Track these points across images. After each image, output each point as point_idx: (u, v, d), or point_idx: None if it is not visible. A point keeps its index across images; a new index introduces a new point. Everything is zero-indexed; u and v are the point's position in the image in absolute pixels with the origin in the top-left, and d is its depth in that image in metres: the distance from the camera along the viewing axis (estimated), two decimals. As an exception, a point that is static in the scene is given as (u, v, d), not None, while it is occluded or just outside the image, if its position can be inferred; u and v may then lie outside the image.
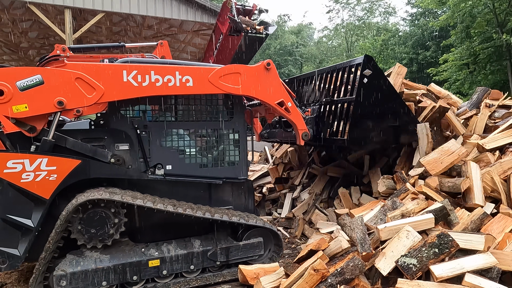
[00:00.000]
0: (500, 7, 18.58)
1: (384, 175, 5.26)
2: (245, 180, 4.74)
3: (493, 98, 6.07)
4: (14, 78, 3.49)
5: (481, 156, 4.63)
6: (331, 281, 3.33)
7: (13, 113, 3.50)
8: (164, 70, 3.97)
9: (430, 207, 3.96)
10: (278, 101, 4.49)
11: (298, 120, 4.72)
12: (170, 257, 4.02)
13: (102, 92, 3.74)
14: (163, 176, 4.22)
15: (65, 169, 3.64)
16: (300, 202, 6.50)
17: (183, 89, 4.06)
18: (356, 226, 3.81)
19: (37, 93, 3.55)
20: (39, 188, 3.56)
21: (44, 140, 3.64)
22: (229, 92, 4.24)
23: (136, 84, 3.86)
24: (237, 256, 4.33)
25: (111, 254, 3.87)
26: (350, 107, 4.71)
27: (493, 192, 4.14)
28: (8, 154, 3.48)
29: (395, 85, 5.38)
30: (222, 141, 4.62)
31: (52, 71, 3.66)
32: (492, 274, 3.13)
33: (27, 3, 10.87)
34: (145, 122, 4.21)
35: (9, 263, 3.56)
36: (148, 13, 12.28)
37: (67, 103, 3.64)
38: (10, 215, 3.57)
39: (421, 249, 3.25)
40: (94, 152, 3.88)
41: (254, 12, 6.16)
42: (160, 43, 6.65)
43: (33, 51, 17.18)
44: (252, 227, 4.44)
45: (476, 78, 20.65)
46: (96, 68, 3.78)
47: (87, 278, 3.67)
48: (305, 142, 4.76)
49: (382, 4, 39.27)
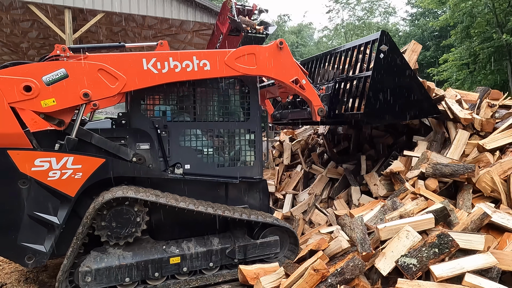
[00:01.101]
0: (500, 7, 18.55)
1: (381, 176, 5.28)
2: (260, 180, 4.82)
3: (493, 98, 6.06)
4: (40, 74, 3.55)
5: (481, 156, 4.63)
6: (331, 281, 3.33)
7: (42, 108, 3.57)
8: (182, 56, 4.05)
9: (430, 207, 3.96)
10: (293, 79, 4.55)
11: (313, 97, 4.79)
12: (190, 254, 4.12)
13: (124, 81, 3.81)
14: (182, 175, 4.30)
15: (90, 167, 3.73)
16: (300, 202, 6.51)
17: (201, 74, 4.13)
18: (356, 226, 3.80)
19: (63, 86, 3.62)
20: (65, 186, 3.65)
21: (68, 138, 3.72)
22: (246, 73, 4.32)
23: (156, 71, 3.95)
24: (254, 254, 4.42)
25: (134, 251, 3.96)
26: (366, 82, 4.76)
27: (493, 192, 4.13)
28: (35, 153, 3.55)
29: (410, 62, 5.41)
30: (239, 141, 4.73)
31: (75, 64, 3.72)
32: (492, 274, 3.13)
33: (27, 3, 10.87)
34: (165, 122, 4.30)
35: (35, 259, 3.63)
36: (148, 13, 12.28)
37: (92, 94, 3.73)
38: (37, 212, 3.63)
39: (421, 249, 3.25)
40: (118, 149, 3.98)
41: (254, 12, 6.15)
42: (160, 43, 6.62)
43: (33, 51, 17.17)
44: (269, 226, 4.52)
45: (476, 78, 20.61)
46: (117, 58, 3.85)
47: (111, 274, 3.77)
48: (320, 118, 4.82)
49: (382, 4, 39.09)
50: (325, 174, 6.69)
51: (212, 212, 4.10)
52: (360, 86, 4.84)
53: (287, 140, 8.50)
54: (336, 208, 5.80)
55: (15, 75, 3.50)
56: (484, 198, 4.20)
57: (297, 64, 4.67)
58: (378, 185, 5.32)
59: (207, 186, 4.53)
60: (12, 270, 4.96)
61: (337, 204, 5.84)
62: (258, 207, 4.83)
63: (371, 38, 4.93)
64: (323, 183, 6.59)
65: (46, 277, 4.73)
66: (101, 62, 3.76)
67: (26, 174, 3.52)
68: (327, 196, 6.38)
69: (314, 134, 8.48)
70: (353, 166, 6.51)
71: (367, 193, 5.73)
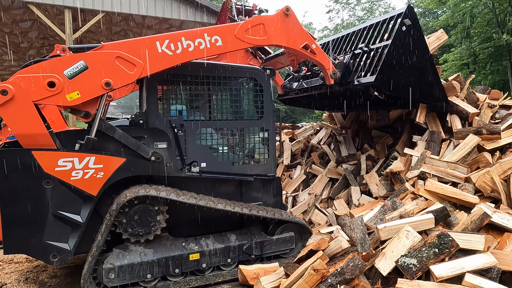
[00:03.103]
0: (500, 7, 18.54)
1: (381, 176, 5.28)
2: (273, 177, 4.89)
3: (492, 98, 6.06)
4: (61, 68, 3.61)
5: (480, 157, 4.63)
6: (331, 281, 3.33)
7: (67, 102, 3.64)
8: (193, 34, 4.11)
9: (430, 207, 3.96)
10: (303, 44, 4.60)
11: (325, 60, 4.84)
12: (209, 251, 4.22)
13: (142, 66, 3.86)
14: (198, 173, 4.38)
15: (111, 167, 3.81)
16: (300, 202, 6.50)
17: (214, 50, 4.21)
18: (356, 226, 3.80)
19: (84, 78, 3.68)
20: (87, 185, 3.73)
21: (87, 138, 3.79)
22: (257, 44, 4.41)
23: (171, 52, 4.00)
24: (271, 250, 4.51)
25: (154, 248, 4.06)
26: (384, 50, 4.80)
27: (493, 192, 4.13)
28: (58, 153, 3.63)
29: (431, 46, 5.47)
30: (253, 139, 4.81)
31: (93, 55, 3.77)
32: (492, 274, 3.13)
33: (27, 3, 10.87)
34: (181, 121, 4.37)
35: (60, 257, 3.71)
36: (148, 13, 12.28)
37: (113, 82, 3.78)
38: (61, 211, 3.71)
39: (421, 249, 3.25)
40: (138, 147, 4.07)
41: (254, 12, 6.15)
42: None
43: (33, 51, 17.17)
44: (284, 222, 4.62)
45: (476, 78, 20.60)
46: (132, 44, 3.90)
47: (133, 271, 3.88)
48: (334, 81, 4.88)
49: (382, 4, 39.07)
50: (325, 174, 6.69)
51: (247, 212, 4.26)
52: (378, 54, 4.88)
53: (287, 140, 8.49)
54: (336, 208, 5.80)
55: (36, 73, 3.55)
56: (484, 198, 4.20)
57: (305, 29, 4.71)
58: (378, 185, 5.33)
59: (222, 184, 4.61)
60: (12, 270, 4.96)
61: (337, 204, 5.84)
62: (272, 204, 4.91)
63: (396, 12, 5.00)
64: (323, 183, 6.59)
65: (46, 277, 4.73)
66: (118, 50, 3.81)
67: (50, 174, 3.60)
68: (327, 196, 6.37)
69: (314, 134, 8.49)
70: (353, 166, 6.51)
71: (367, 193, 5.73)
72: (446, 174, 4.57)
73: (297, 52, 4.68)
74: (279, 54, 5.56)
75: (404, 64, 4.81)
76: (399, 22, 4.82)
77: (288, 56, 5.50)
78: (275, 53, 5.61)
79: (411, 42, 4.82)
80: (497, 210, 3.84)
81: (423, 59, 4.98)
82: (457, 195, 4.11)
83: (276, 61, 5.80)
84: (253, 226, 4.65)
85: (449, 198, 4.17)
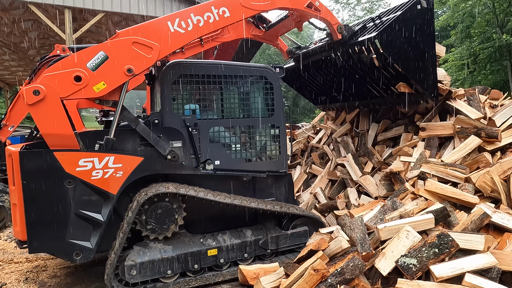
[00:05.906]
0: (500, 7, 18.56)
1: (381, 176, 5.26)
2: (285, 173, 4.97)
3: (492, 98, 6.06)
4: (83, 61, 3.69)
5: (481, 157, 4.63)
6: (331, 281, 3.33)
7: (95, 93, 3.73)
8: (201, 9, 4.19)
9: (430, 207, 3.96)
10: (306, 3, 4.68)
11: (330, 16, 4.93)
12: (226, 246, 4.32)
13: (158, 48, 3.93)
14: (213, 171, 4.45)
15: (130, 166, 3.89)
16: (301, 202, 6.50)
17: (223, 21, 4.30)
18: (356, 226, 3.81)
19: (107, 67, 3.75)
20: (107, 184, 3.82)
21: (106, 138, 3.85)
22: (262, 9, 4.50)
23: (183, 30, 4.08)
24: (286, 244, 4.62)
25: (173, 245, 4.15)
26: (394, 19, 4.82)
27: (493, 192, 4.13)
28: (79, 153, 3.72)
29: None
30: (264, 136, 4.90)
31: (110, 44, 3.84)
32: (492, 274, 3.13)
33: (27, 3, 10.87)
34: (195, 120, 4.44)
35: (83, 255, 3.80)
36: (148, 13, 12.25)
37: (135, 68, 3.84)
38: (82, 210, 3.79)
39: (421, 249, 3.25)
40: (157, 142, 4.15)
41: (254, 12, 6.13)
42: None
43: (33, 51, 17.16)
44: (298, 217, 4.74)
45: (476, 78, 20.61)
46: (145, 27, 3.96)
47: (154, 267, 3.97)
48: (342, 36, 4.97)
49: (382, 4, 39.06)
50: (324, 175, 6.69)
51: (271, 208, 4.39)
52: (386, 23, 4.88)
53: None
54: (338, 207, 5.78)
55: (60, 70, 3.62)
56: (484, 198, 4.20)
57: None
58: (378, 185, 5.32)
59: (235, 180, 4.68)
60: (12, 270, 4.96)
61: (337, 204, 5.83)
62: (285, 200, 4.99)
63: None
64: (323, 184, 6.60)
65: (46, 277, 4.73)
66: (133, 35, 3.87)
67: (71, 174, 3.69)
68: (327, 196, 6.37)
69: (314, 134, 8.48)
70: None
71: (367, 193, 5.72)
72: (446, 174, 4.57)
73: (301, 12, 4.76)
74: (283, 18, 5.57)
75: (408, 38, 4.83)
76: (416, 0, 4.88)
77: (293, 19, 5.49)
78: (278, 18, 5.63)
79: (420, 22, 4.86)
80: (497, 210, 3.84)
81: (426, 44, 4.99)
82: (457, 195, 4.11)
83: (280, 26, 5.78)
84: (267, 221, 4.72)
85: (449, 198, 4.17)
